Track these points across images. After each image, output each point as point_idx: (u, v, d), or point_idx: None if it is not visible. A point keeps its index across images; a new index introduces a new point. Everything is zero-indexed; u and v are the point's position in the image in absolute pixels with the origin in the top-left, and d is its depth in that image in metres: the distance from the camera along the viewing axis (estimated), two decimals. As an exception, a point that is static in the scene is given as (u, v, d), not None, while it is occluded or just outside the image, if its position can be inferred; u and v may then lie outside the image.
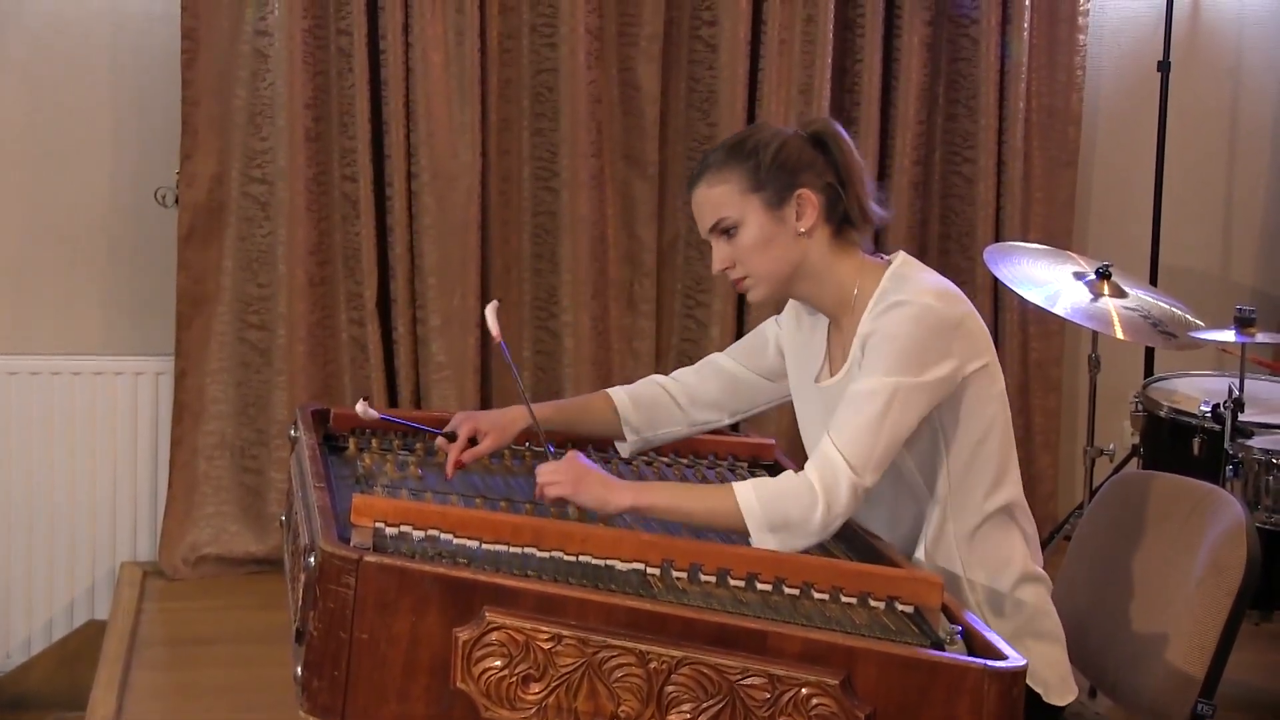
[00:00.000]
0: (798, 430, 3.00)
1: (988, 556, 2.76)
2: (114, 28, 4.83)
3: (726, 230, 2.76)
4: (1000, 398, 2.76)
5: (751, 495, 2.56)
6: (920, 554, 2.76)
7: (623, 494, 2.61)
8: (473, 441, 2.91)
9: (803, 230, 2.74)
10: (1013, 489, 2.80)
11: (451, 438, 2.92)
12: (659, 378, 3.10)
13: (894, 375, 2.60)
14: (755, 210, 2.74)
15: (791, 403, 3.00)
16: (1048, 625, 2.82)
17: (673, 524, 2.66)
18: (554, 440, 2.95)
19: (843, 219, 2.78)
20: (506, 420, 2.96)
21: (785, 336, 2.98)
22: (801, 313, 2.93)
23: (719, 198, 2.76)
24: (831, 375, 2.83)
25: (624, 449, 3.07)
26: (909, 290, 2.68)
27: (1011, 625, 2.77)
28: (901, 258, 2.79)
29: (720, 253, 2.79)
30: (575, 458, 2.67)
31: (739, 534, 2.57)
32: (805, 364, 2.92)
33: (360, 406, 2.89)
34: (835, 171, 2.77)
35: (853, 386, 2.63)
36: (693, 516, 2.62)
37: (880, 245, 5.14)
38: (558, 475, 2.61)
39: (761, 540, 2.54)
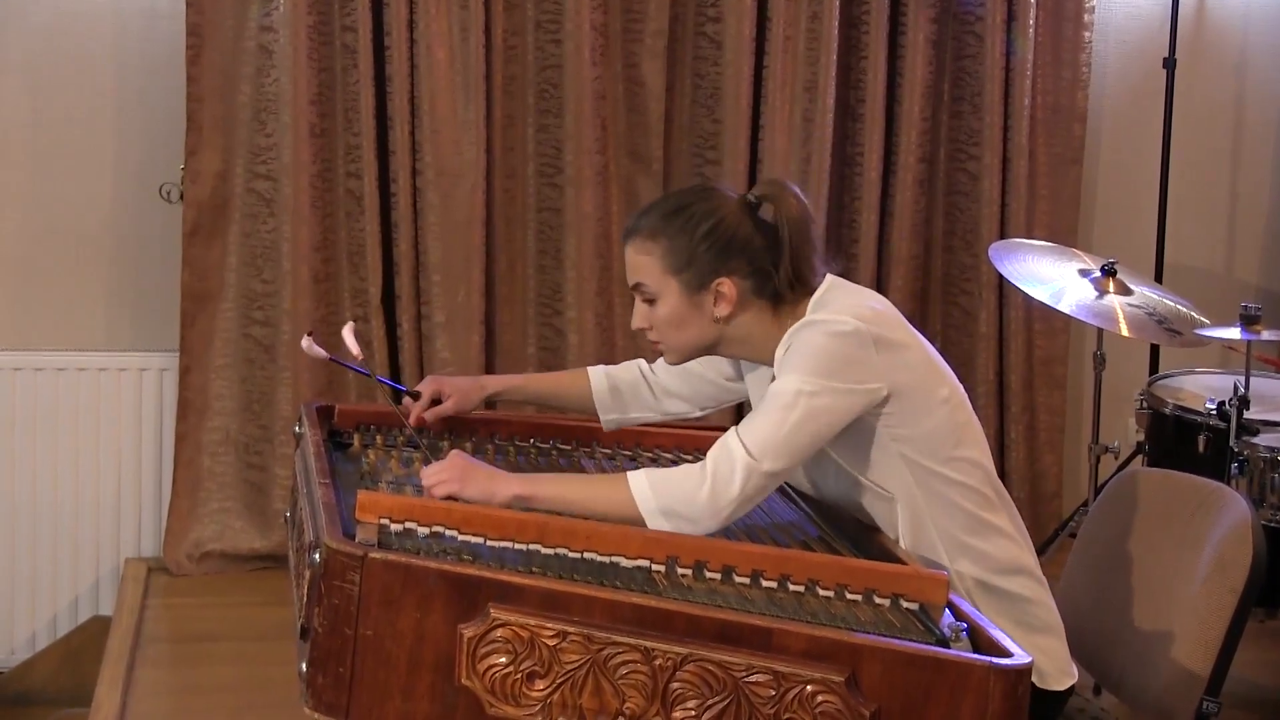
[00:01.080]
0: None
1: (975, 551, 2.76)
2: (119, 24, 4.83)
3: (645, 296, 2.78)
4: (953, 400, 2.75)
5: (644, 481, 2.55)
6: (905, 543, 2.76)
7: (509, 484, 2.58)
8: (436, 403, 3.01)
9: (718, 318, 2.74)
10: (987, 484, 2.79)
11: (416, 396, 3.00)
12: (642, 363, 3.14)
13: (802, 375, 2.59)
14: (673, 291, 2.74)
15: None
16: (1041, 615, 2.81)
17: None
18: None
19: (775, 293, 2.75)
20: (473, 385, 3.04)
21: (744, 367, 3.00)
22: None
23: (642, 266, 2.76)
24: None
25: (604, 427, 3.11)
26: (825, 311, 2.68)
27: (1002, 617, 2.76)
28: (827, 282, 2.78)
29: (640, 311, 2.81)
30: (457, 455, 2.65)
31: (630, 522, 2.53)
32: (756, 392, 2.95)
33: (305, 341, 2.98)
34: (775, 247, 2.73)
35: (767, 392, 2.63)
36: (581, 505, 2.57)
37: (884, 241, 5.15)
38: (443, 474, 2.59)
39: (655, 523, 2.52)
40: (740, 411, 4.91)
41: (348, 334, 2.98)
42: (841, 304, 2.71)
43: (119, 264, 4.94)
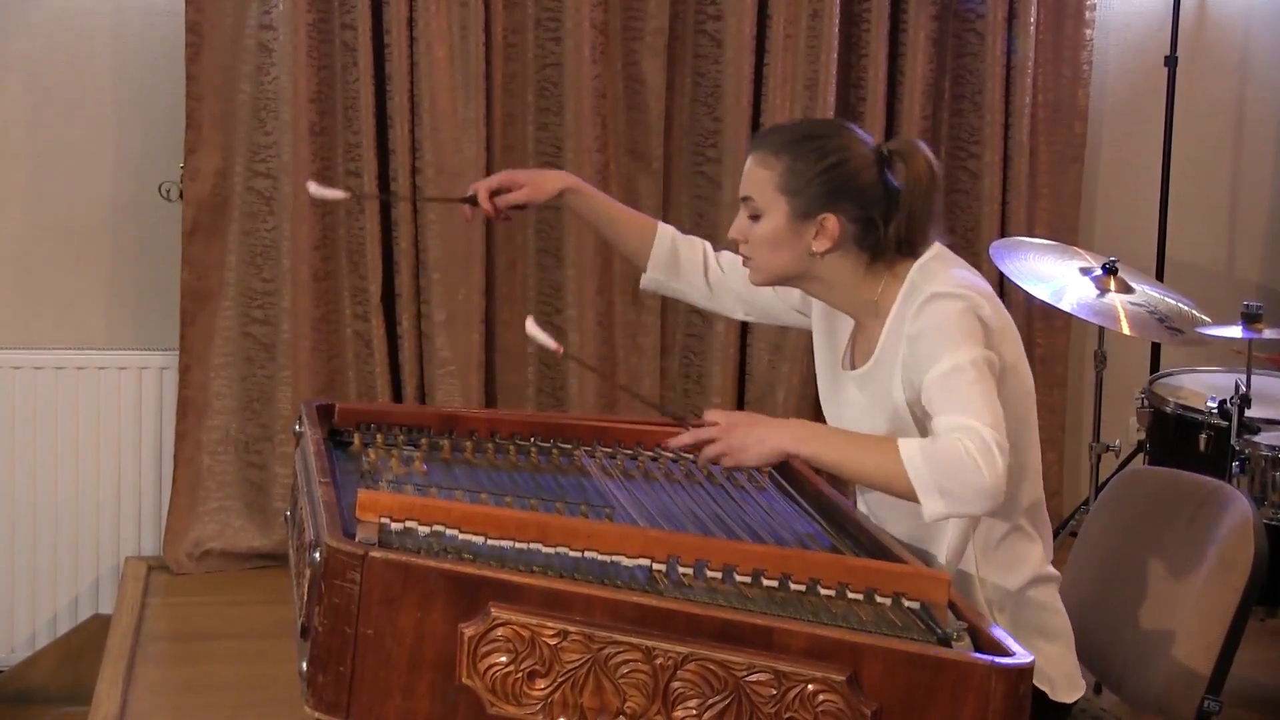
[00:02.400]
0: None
1: (1003, 556, 2.76)
2: (118, 22, 4.83)
3: (750, 210, 2.77)
4: (1030, 395, 2.77)
5: (917, 453, 2.51)
6: (939, 552, 2.75)
7: (780, 436, 2.61)
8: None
9: (815, 250, 2.73)
10: (1036, 488, 2.80)
11: (472, 201, 3.05)
12: (709, 246, 3.15)
13: (963, 348, 2.58)
14: (779, 211, 2.73)
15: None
16: (1056, 623, 2.81)
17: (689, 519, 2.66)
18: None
19: (873, 248, 2.75)
20: (546, 178, 3.09)
21: (815, 310, 2.98)
22: None
23: (758, 180, 2.75)
24: (854, 367, 2.83)
25: (643, 280, 3.16)
26: (939, 283, 2.67)
27: (1020, 624, 2.76)
28: (932, 253, 2.76)
29: (739, 224, 2.80)
30: (722, 410, 2.69)
31: (900, 494, 2.54)
32: (830, 347, 2.92)
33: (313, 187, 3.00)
34: (890, 202, 2.73)
35: (928, 376, 2.59)
36: (847, 468, 2.59)
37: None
38: (709, 432, 2.64)
39: (930, 501, 2.50)
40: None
41: (531, 327, 2.96)
42: (959, 277, 2.71)
43: (119, 262, 4.93)
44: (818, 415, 5.13)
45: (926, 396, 2.60)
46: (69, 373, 4.87)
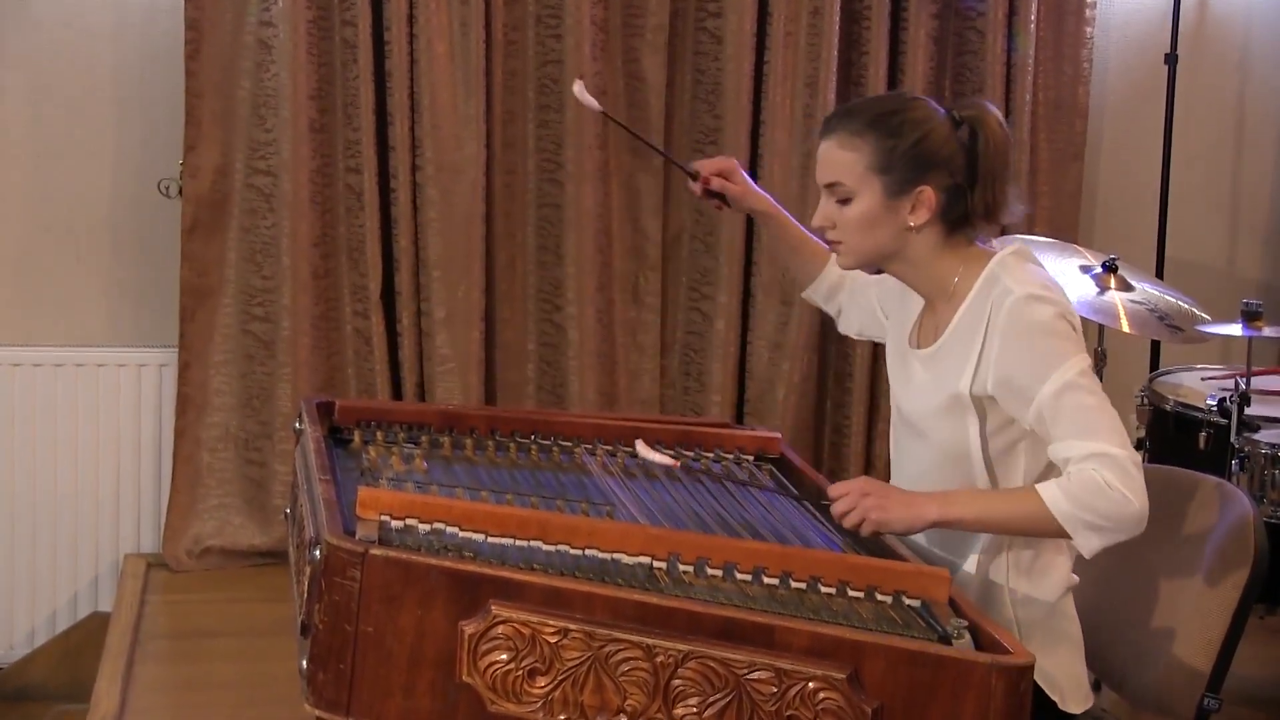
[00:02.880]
0: (801, 426, 3.02)
1: (1036, 566, 2.75)
2: (117, 19, 4.82)
3: (838, 195, 2.75)
4: None
5: (1060, 496, 2.56)
6: (970, 565, 2.75)
7: (928, 507, 2.63)
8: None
9: (912, 225, 2.73)
10: None
11: (694, 175, 3.12)
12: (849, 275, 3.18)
13: (1064, 361, 2.60)
14: (873, 191, 2.72)
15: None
16: (1072, 630, 2.81)
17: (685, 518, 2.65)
18: None
19: (960, 218, 2.76)
20: (754, 193, 3.15)
21: (887, 297, 3.01)
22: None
23: (844, 163, 2.74)
24: (922, 347, 2.83)
25: (808, 294, 3.20)
26: (1017, 283, 2.67)
27: (1042, 632, 2.76)
28: (1013, 250, 2.77)
29: (825, 211, 2.78)
30: (866, 481, 2.69)
31: (1051, 536, 2.62)
32: (900, 326, 2.93)
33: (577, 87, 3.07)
34: (971, 168, 2.73)
35: (1040, 395, 2.61)
36: (994, 523, 2.65)
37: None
38: (864, 502, 2.64)
39: (1084, 539, 2.56)
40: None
41: (644, 450, 3.02)
42: (1042, 277, 2.72)
43: (118, 259, 4.93)
44: (818, 414, 5.16)
45: (1040, 416, 2.62)
46: (68, 370, 4.87)
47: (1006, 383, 2.64)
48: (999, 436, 2.71)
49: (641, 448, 2.82)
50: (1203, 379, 4.57)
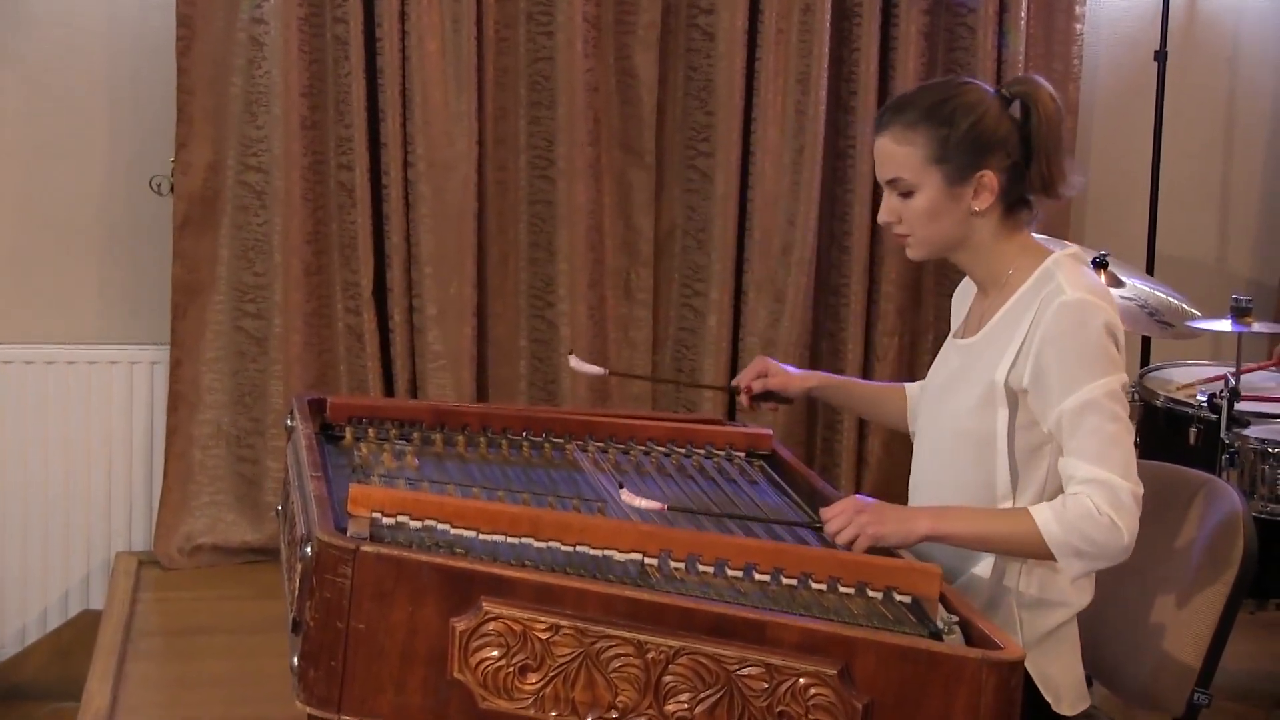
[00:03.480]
0: (793, 422, 3.03)
1: (1046, 569, 2.75)
2: (109, 16, 4.82)
3: (901, 189, 2.75)
4: None
5: (1051, 519, 2.59)
6: (983, 569, 2.75)
7: (920, 522, 2.65)
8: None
9: (976, 210, 2.73)
10: None
11: (734, 391, 3.13)
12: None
13: (1096, 379, 2.61)
14: (934, 181, 2.72)
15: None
16: (1072, 632, 2.81)
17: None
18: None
19: (1017, 199, 2.76)
20: (795, 375, 3.14)
21: (956, 298, 3.02)
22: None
23: (901, 158, 2.73)
24: (966, 336, 2.84)
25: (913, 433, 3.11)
26: (1070, 285, 2.67)
27: (1044, 633, 2.76)
28: (1073, 251, 2.78)
29: (889, 205, 2.78)
30: (857, 499, 2.69)
31: (1038, 558, 2.64)
32: (955, 321, 2.95)
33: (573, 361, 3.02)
34: (1027, 145, 2.74)
35: (1058, 406, 2.62)
36: (988, 541, 2.67)
37: (877, 234, 5.14)
38: (857, 519, 2.64)
39: (1067, 563, 2.60)
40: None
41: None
42: (1097, 284, 2.72)
43: (109, 256, 4.93)
44: (809, 410, 5.16)
45: (1059, 425, 2.63)
46: (59, 367, 4.87)
47: (1040, 380, 2.65)
48: (1027, 434, 2.70)
49: (626, 495, 2.82)
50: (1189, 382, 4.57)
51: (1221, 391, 4.06)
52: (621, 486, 2.77)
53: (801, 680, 2.22)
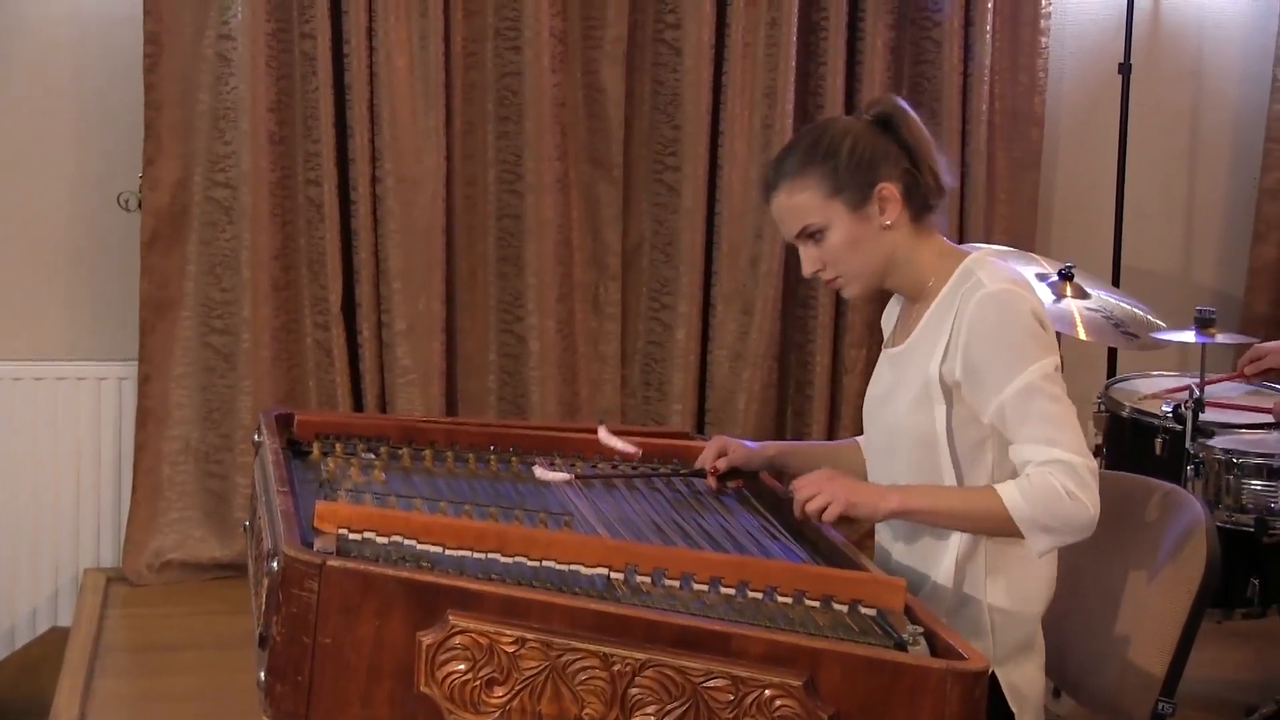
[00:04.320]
0: (762, 434, 3.06)
1: (1013, 572, 2.76)
2: (76, 31, 4.82)
3: (813, 235, 2.77)
4: None
5: (1018, 497, 2.61)
6: (945, 578, 2.76)
7: (889, 497, 2.69)
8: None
9: (888, 224, 2.75)
10: None
11: (700, 474, 3.05)
12: None
13: (1031, 363, 2.63)
14: (840, 213, 2.74)
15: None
16: (1039, 642, 2.82)
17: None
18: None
19: (920, 204, 2.79)
20: (755, 451, 3.08)
21: (884, 318, 3.02)
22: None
23: (802, 205, 2.76)
24: (896, 345, 2.86)
25: None
26: (989, 278, 2.70)
27: (1014, 643, 2.77)
28: (986, 249, 2.85)
29: (809, 256, 2.80)
30: (830, 471, 2.74)
31: (1005, 535, 2.65)
32: (886, 332, 2.97)
33: (539, 470, 2.95)
34: (907, 154, 2.77)
35: (997, 398, 2.65)
36: (955, 517, 2.69)
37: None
38: (827, 491, 2.68)
39: (1035, 539, 2.61)
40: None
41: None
42: (1014, 273, 2.75)
43: (77, 272, 4.92)
44: (779, 423, 5.17)
45: (1002, 415, 2.65)
46: (27, 383, 4.86)
47: (973, 374, 2.67)
48: (967, 430, 2.72)
49: (539, 470, 2.83)
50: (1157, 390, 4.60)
51: (1187, 402, 4.08)
52: (534, 464, 2.83)
53: (767, 692, 2.22)
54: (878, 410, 2.88)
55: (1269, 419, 4.24)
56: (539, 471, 2.85)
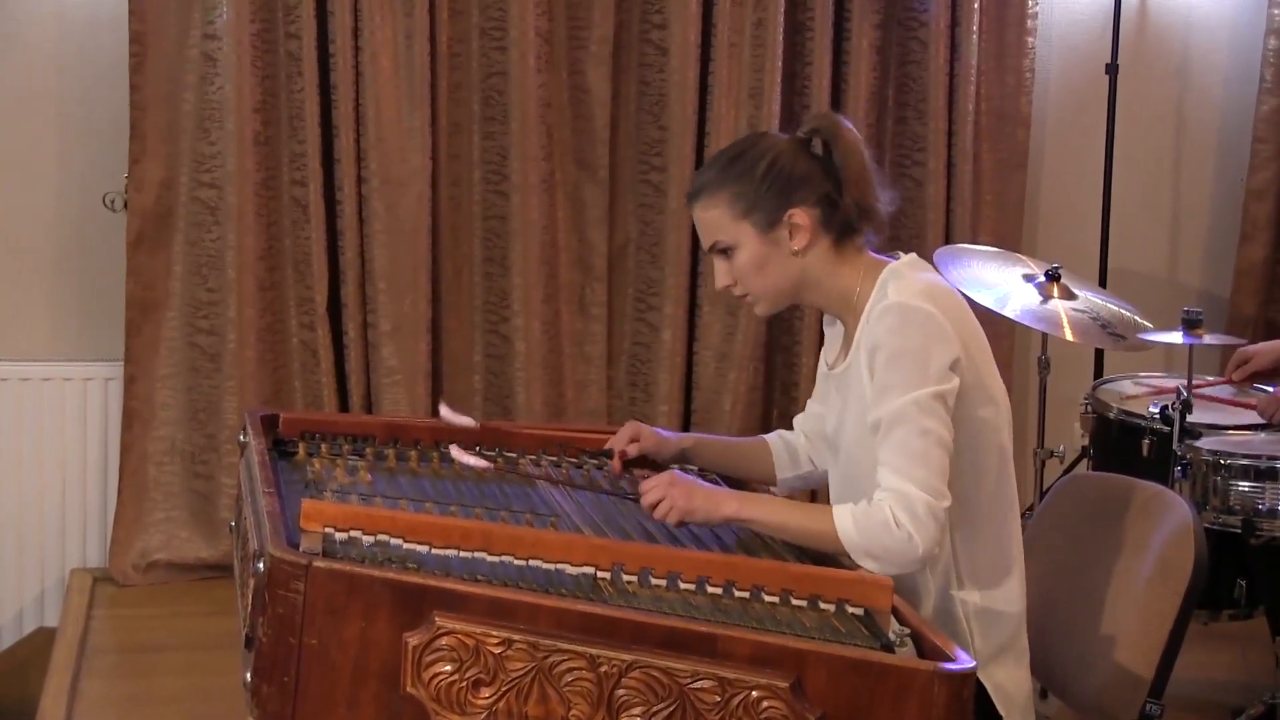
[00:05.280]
0: (748, 435, 3.05)
1: (984, 573, 2.76)
2: (61, 32, 4.81)
3: (724, 251, 2.78)
4: (985, 423, 2.75)
5: (850, 523, 2.59)
6: (924, 583, 2.75)
7: (727, 503, 2.68)
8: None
9: (796, 250, 2.74)
10: (1009, 502, 2.80)
11: (608, 455, 3.04)
12: (796, 432, 3.12)
13: (907, 391, 2.60)
14: (748, 234, 2.74)
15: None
16: (1023, 643, 2.82)
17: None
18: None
19: (842, 228, 2.77)
20: (668, 436, 3.08)
21: (827, 344, 2.99)
22: None
23: (713, 221, 2.77)
24: (835, 366, 2.85)
25: (780, 484, 3.12)
26: (895, 291, 2.68)
27: (996, 644, 2.76)
28: (907, 259, 2.79)
29: (721, 270, 2.81)
30: (675, 474, 2.75)
31: (838, 553, 2.62)
32: (829, 355, 2.93)
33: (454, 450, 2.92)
34: (834, 177, 2.75)
35: (874, 414, 2.63)
36: (793, 532, 2.67)
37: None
38: (669, 496, 2.67)
39: (863, 563, 2.58)
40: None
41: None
42: (925, 283, 2.72)
43: (63, 273, 4.91)
44: (764, 424, 5.17)
45: (874, 429, 2.64)
46: (12, 384, 4.85)
47: (875, 384, 2.66)
48: None
49: (455, 451, 2.84)
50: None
51: (1174, 403, 4.08)
52: (451, 444, 2.85)
53: (754, 693, 2.22)
54: (838, 439, 2.84)
55: (1256, 419, 4.24)
56: (454, 451, 2.83)
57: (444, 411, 3.04)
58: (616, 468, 3.02)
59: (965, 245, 4.94)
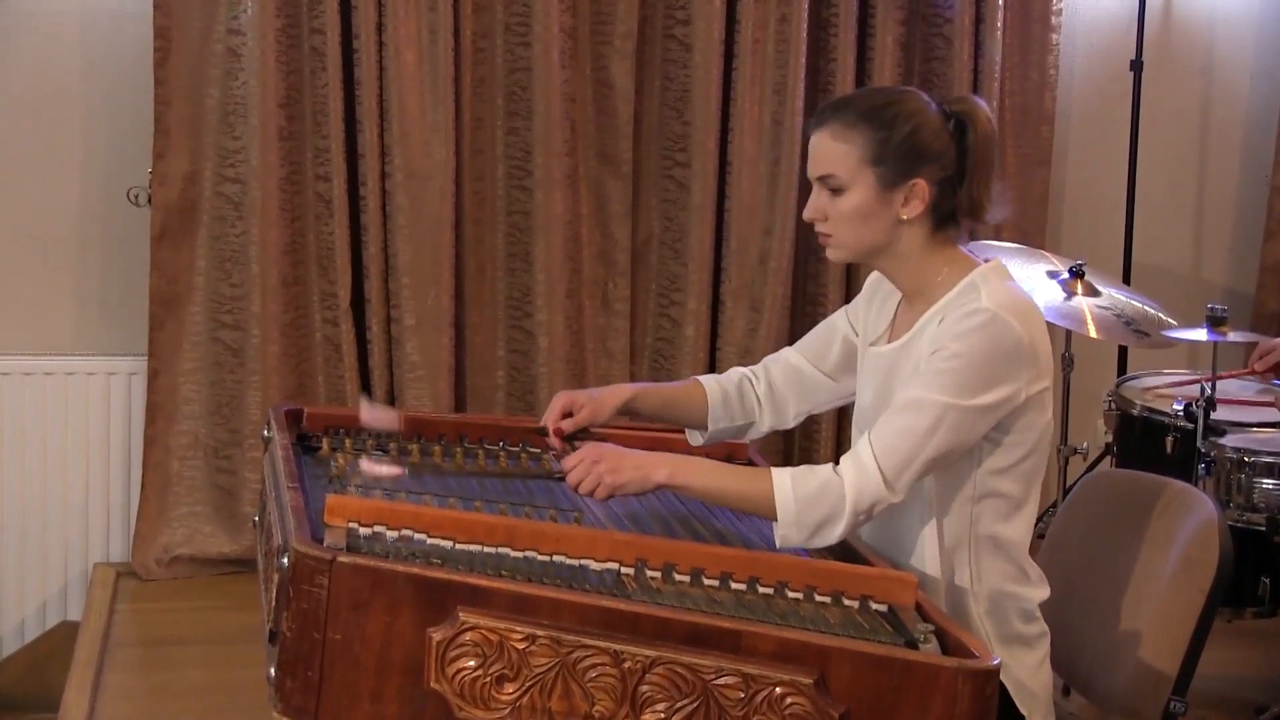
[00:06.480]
0: (771, 431, 3.03)
1: (1010, 571, 2.74)
2: (85, 27, 4.81)
3: (832, 186, 2.72)
4: (1047, 427, 2.72)
5: (789, 493, 2.56)
6: (932, 569, 2.73)
7: (659, 468, 2.63)
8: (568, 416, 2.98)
9: (905, 218, 2.70)
10: (1026, 522, 2.78)
11: (542, 433, 2.95)
12: (745, 371, 3.07)
13: (948, 395, 2.57)
14: (867, 182, 2.69)
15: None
16: (1044, 641, 2.80)
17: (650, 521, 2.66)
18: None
19: (947, 214, 2.74)
20: (604, 397, 2.98)
21: (858, 314, 2.95)
22: (881, 284, 2.90)
23: (836, 155, 2.70)
24: (889, 342, 2.81)
25: (695, 438, 3.06)
26: (987, 297, 2.64)
27: (1010, 638, 2.75)
28: (993, 264, 2.75)
29: (817, 204, 2.74)
30: (596, 445, 2.69)
31: (765, 517, 2.59)
32: (870, 332, 2.89)
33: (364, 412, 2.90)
34: (961, 162, 2.71)
35: (904, 392, 2.60)
36: (725, 496, 2.64)
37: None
38: (594, 469, 2.63)
39: (783, 532, 2.56)
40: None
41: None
42: (1003, 292, 2.68)
43: (87, 267, 4.92)
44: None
45: (891, 407, 2.61)
46: (37, 379, 4.85)
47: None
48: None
49: (365, 463, 2.81)
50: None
51: (1198, 400, 4.07)
52: (361, 454, 2.82)
53: (778, 689, 2.22)
54: (873, 413, 2.77)
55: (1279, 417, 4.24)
56: (364, 464, 2.79)
57: (364, 411, 3.00)
58: (555, 444, 2.92)
59: (989, 242, 4.92)
